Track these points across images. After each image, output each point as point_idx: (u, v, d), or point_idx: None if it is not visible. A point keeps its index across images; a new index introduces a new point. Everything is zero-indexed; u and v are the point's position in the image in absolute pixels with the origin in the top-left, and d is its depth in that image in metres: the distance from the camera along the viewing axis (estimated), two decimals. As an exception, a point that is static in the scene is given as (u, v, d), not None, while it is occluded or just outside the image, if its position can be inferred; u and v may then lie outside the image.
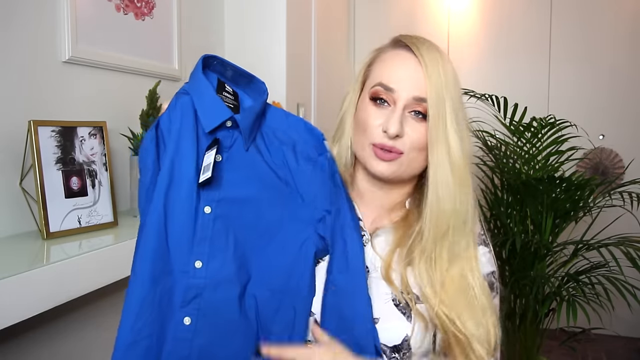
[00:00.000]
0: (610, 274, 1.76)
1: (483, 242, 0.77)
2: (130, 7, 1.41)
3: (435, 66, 0.69)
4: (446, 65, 0.70)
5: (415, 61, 0.70)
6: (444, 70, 0.69)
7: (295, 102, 2.06)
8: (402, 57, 0.71)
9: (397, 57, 0.72)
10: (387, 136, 0.69)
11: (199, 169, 0.68)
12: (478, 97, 2.01)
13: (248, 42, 1.97)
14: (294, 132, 0.73)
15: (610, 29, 2.74)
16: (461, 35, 2.93)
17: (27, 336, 1.06)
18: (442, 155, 0.69)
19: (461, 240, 0.71)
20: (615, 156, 2.77)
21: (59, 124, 1.07)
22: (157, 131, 0.71)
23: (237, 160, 0.70)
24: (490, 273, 0.76)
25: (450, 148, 0.69)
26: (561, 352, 2.42)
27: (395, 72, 0.71)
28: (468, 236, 0.72)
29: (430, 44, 0.72)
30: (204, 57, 0.74)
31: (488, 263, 0.76)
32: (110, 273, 1.01)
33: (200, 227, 0.68)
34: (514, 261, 1.92)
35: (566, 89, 2.82)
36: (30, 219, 1.07)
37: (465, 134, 0.71)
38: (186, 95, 0.73)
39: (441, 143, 0.69)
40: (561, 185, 1.84)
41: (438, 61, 0.69)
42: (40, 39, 1.13)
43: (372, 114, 0.71)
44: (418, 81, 0.69)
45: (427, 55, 0.69)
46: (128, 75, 1.41)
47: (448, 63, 0.71)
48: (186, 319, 0.66)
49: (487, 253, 0.77)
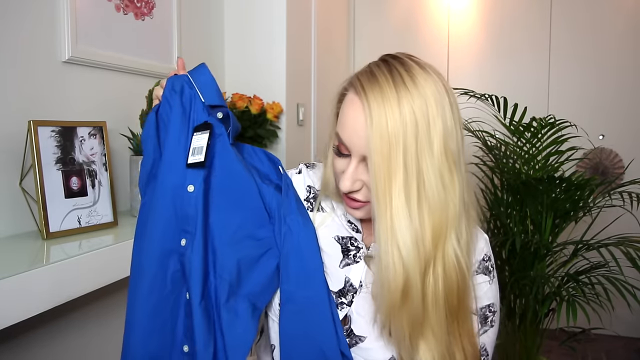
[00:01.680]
0: (610, 274, 1.76)
1: (485, 271, 0.74)
2: (130, 7, 1.41)
3: (381, 119, 0.60)
4: (404, 111, 0.60)
5: (363, 114, 0.62)
6: (400, 119, 0.60)
7: (295, 102, 2.06)
8: (354, 107, 0.65)
9: (350, 108, 0.65)
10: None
11: (187, 149, 0.72)
12: (478, 97, 2.01)
13: (248, 43, 1.97)
14: (257, 160, 0.79)
15: (611, 29, 2.74)
16: (461, 35, 2.93)
17: (27, 336, 1.06)
18: (386, 230, 0.62)
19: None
20: (615, 156, 2.77)
21: (59, 124, 1.07)
22: (157, 116, 0.75)
23: (223, 149, 0.73)
24: (485, 307, 0.73)
25: (393, 212, 0.61)
26: (561, 352, 2.42)
27: (347, 127, 0.66)
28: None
29: (385, 85, 0.62)
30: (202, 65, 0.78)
31: (479, 298, 0.72)
32: (110, 273, 1.01)
33: (182, 205, 0.72)
34: (514, 261, 1.92)
35: (566, 89, 2.82)
36: (30, 219, 1.07)
37: (440, 182, 0.62)
38: (182, 79, 0.76)
39: (383, 214, 0.62)
40: (561, 185, 1.84)
41: (388, 110, 0.60)
42: (40, 39, 1.13)
43: (337, 161, 0.70)
44: (365, 139, 0.63)
45: (375, 105, 0.61)
46: (128, 75, 1.41)
47: (411, 104, 0.61)
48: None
49: (485, 284, 0.73)
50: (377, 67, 0.65)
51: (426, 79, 0.63)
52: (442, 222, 0.62)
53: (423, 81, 0.63)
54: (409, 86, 0.62)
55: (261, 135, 1.80)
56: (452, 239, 0.64)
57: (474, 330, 0.69)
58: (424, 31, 2.96)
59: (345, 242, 0.77)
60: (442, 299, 0.63)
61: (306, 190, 0.82)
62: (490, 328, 0.73)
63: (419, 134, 0.61)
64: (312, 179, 0.83)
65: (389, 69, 0.64)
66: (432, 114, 0.61)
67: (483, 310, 0.72)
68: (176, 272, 0.71)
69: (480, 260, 0.74)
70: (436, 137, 0.61)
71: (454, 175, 0.63)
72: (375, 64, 0.67)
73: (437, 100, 0.62)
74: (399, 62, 0.65)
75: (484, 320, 0.72)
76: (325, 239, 0.77)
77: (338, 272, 0.74)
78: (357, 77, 0.66)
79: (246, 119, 1.75)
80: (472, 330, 0.69)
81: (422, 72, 0.64)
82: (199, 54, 1.81)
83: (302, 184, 0.82)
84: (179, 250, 0.71)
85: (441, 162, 0.62)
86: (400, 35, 2.96)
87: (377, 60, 0.68)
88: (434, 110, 0.62)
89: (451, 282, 0.64)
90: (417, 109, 0.61)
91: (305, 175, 0.83)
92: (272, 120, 1.83)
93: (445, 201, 0.62)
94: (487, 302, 0.73)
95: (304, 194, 0.81)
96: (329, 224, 0.78)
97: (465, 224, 0.66)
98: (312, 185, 0.82)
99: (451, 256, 0.64)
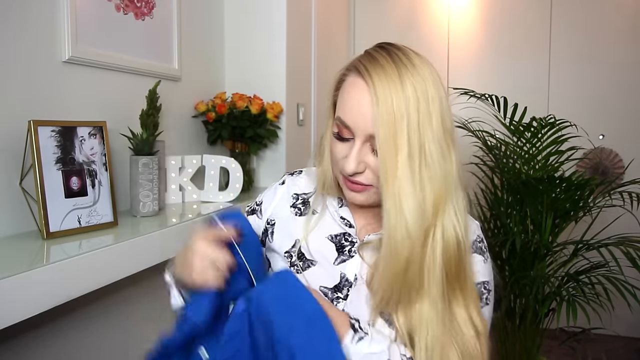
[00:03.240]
0: (610, 274, 1.76)
1: (479, 251, 0.76)
2: (130, 7, 1.41)
3: (386, 98, 0.64)
4: (406, 88, 0.64)
5: (368, 94, 0.66)
6: (403, 96, 0.64)
7: (295, 102, 2.06)
8: (357, 89, 0.68)
9: (353, 90, 0.68)
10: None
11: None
12: (478, 97, 2.01)
13: (248, 43, 1.97)
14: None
15: (611, 28, 2.74)
16: (461, 34, 2.93)
17: (27, 336, 1.06)
18: (394, 199, 0.65)
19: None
20: (615, 156, 2.77)
21: (59, 124, 1.07)
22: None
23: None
24: (480, 283, 0.74)
25: (401, 186, 0.65)
26: (561, 352, 2.42)
27: (350, 109, 0.68)
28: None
29: (387, 65, 0.66)
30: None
31: (478, 273, 0.74)
32: (110, 273, 1.01)
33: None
34: (514, 261, 1.92)
35: (566, 88, 2.82)
36: (30, 219, 1.07)
37: (440, 152, 0.66)
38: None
39: (390, 184, 0.65)
40: (561, 185, 1.84)
41: (392, 88, 0.64)
42: (40, 39, 1.13)
43: (337, 147, 0.72)
44: (370, 119, 0.66)
45: (380, 84, 0.65)
46: (128, 75, 1.41)
47: (412, 81, 0.65)
48: None
49: (480, 262, 0.76)
50: (376, 52, 0.69)
51: (422, 62, 0.69)
52: (442, 191, 0.66)
53: (420, 63, 0.68)
54: (408, 66, 0.67)
55: (261, 135, 1.80)
56: (450, 211, 0.68)
57: (478, 300, 0.71)
58: (424, 31, 2.96)
59: (339, 239, 0.78)
60: (439, 268, 0.66)
61: (292, 198, 0.84)
62: (485, 305, 0.75)
63: (420, 109, 0.65)
64: (299, 185, 0.86)
65: (387, 52, 0.69)
66: (431, 92, 0.66)
67: (479, 287, 0.74)
68: None
69: (474, 240, 0.77)
70: (434, 113, 0.66)
71: (450, 148, 0.68)
72: (373, 49, 0.71)
73: (435, 80, 0.68)
74: (395, 47, 0.70)
75: (480, 296, 0.74)
76: (319, 240, 0.78)
77: (333, 270, 0.76)
78: (359, 60, 0.69)
79: (246, 119, 1.75)
80: (477, 300, 0.71)
81: (417, 57, 0.69)
82: (199, 54, 1.81)
83: (287, 193, 0.85)
84: None
85: (440, 134, 0.66)
86: (400, 35, 2.95)
87: (373, 47, 0.72)
88: (432, 89, 0.66)
89: (449, 252, 0.67)
90: (417, 86, 0.65)
91: (290, 184, 0.86)
92: (272, 120, 1.83)
93: (445, 170, 0.67)
94: (482, 278, 0.75)
95: (290, 202, 0.84)
96: (322, 225, 0.80)
97: (462, 197, 0.70)
98: (298, 192, 0.85)
99: (449, 228, 0.67)
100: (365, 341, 0.67)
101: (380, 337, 0.69)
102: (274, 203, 0.85)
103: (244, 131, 1.76)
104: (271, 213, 0.84)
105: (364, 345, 0.67)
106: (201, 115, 1.78)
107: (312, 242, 0.78)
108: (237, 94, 1.79)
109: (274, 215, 0.84)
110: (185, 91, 1.71)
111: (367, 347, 0.67)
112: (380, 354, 0.67)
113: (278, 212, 0.84)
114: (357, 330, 0.68)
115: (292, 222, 0.82)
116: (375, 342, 0.68)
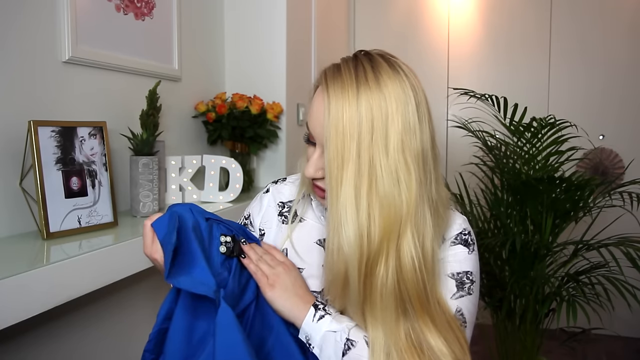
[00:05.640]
0: (610, 274, 1.76)
1: (464, 242, 0.76)
2: (130, 7, 1.41)
3: (338, 112, 0.63)
4: (361, 105, 0.63)
5: (323, 105, 0.66)
6: (356, 113, 0.63)
7: (295, 102, 2.06)
8: (319, 99, 0.68)
9: (316, 100, 0.69)
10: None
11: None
12: (478, 97, 2.01)
13: (248, 43, 1.97)
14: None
15: (610, 29, 2.74)
16: (461, 35, 2.93)
17: (27, 336, 1.06)
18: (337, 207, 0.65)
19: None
20: (615, 156, 2.77)
21: (59, 124, 1.07)
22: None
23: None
24: (462, 272, 0.74)
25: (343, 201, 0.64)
26: (561, 352, 2.42)
27: (311, 115, 0.70)
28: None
29: (347, 80, 0.65)
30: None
31: (458, 262, 0.74)
32: (110, 273, 1.01)
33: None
34: (514, 261, 1.92)
35: (566, 88, 2.82)
36: (30, 219, 1.07)
37: (393, 181, 0.63)
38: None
39: (334, 198, 0.64)
40: (561, 185, 1.83)
41: (346, 104, 0.63)
42: (40, 39, 1.13)
43: (308, 150, 0.74)
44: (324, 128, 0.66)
45: (334, 98, 0.64)
46: (128, 75, 1.41)
47: (369, 99, 0.63)
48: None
49: (463, 253, 0.75)
50: (345, 62, 0.68)
51: (391, 77, 0.65)
52: (394, 219, 0.64)
53: (387, 79, 0.65)
54: (370, 83, 0.64)
55: (261, 135, 1.80)
56: (407, 236, 0.65)
57: (456, 323, 0.69)
58: (424, 31, 2.96)
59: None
60: (391, 291, 0.65)
61: (278, 206, 0.85)
62: (467, 295, 0.73)
63: (375, 130, 0.63)
64: (283, 193, 0.86)
65: (355, 65, 0.67)
66: (392, 112, 0.63)
67: (460, 275, 0.74)
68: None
69: (458, 233, 0.76)
70: (394, 135, 0.63)
71: (411, 174, 0.64)
72: (345, 59, 0.70)
73: (399, 98, 0.64)
74: (368, 59, 0.68)
75: (461, 285, 0.73)
76: (307, 246, 0.80)
77: (321, 273, 0.77)
78: (325, 71, 0.69)
79: (246, 119, 1.75)
80: (454, 323, 0.69)
81: (389, 71, 0.66)
82: (199, 54, 1.81)
83: (273, 201, 0.86)
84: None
85: (397, 159, 0.63)
86: (400, 35, 2.96)
87: (349, 55, 0.71)
88: (394, 108, 0.63)
89: (405, 278, 0.65)
90: (375, 105, 0.63)
91: (275, 193, 0.87)
92: (272, 120, 1.83)
93: (398, 198, 0.63)
94: (465, 268, 0.74)
95: (277, 210, 0.85)
96: (310, 231, 0.81)
97: (431, 221, 0.67)
98: (284, 200, 0.85)
99: (406, 252, 0.65)
100: (325, 320, 0.69)
101: (343, 318, 0.70)
102: (262, 212, 0.86)
103: (244, 131, 1.76)
104: (260, 223, 0.85)
105: (324, 324, 0.69)
106: (201, 116, 1.79)
107: (301, 248, 0.80)
108: (237, 94, 1.79)
109: (262, 225, 0.85)
110: (185, 91, 1.71)
111: (327, 325, 0.69)
112: (340, 332, 0.68)
113: (267, 222, 0.85)
114: (319, 309, 0.70)
115: (280, 231, 0.83)
116: (335, 322, 0.69)
